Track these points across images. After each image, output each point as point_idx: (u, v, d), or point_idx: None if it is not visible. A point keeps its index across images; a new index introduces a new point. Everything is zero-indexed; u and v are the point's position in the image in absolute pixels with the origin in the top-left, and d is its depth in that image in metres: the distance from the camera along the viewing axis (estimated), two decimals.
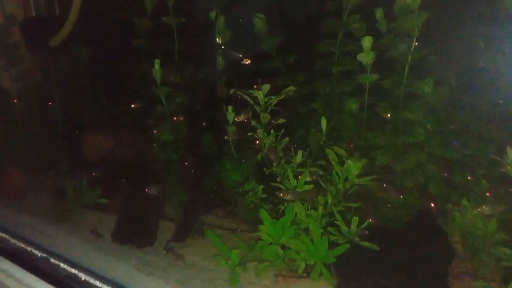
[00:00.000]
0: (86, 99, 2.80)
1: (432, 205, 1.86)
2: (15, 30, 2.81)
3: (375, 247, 1.69)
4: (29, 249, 2.49)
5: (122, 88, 2.60)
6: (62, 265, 2.30)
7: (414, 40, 1.69)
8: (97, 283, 2.10)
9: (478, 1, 1.67)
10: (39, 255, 2.42)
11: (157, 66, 2.15)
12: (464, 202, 1.71)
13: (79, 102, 2.80)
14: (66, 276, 2.22)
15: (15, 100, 2.88)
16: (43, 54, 2.80)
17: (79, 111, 2.80)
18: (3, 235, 2.73)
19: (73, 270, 2.23)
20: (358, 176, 1.70)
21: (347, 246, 1.73)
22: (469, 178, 1.80)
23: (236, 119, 2.00)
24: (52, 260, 2.36)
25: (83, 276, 2.17)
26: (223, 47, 2.43)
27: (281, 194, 1.83)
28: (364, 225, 1.73)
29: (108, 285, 2.06)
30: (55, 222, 2.56)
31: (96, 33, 2.64)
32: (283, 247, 1.83)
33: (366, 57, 1.75)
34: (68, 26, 2.55)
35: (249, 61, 2.17)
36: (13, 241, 2.61)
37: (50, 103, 2.86)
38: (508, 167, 1.40)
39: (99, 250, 2.25)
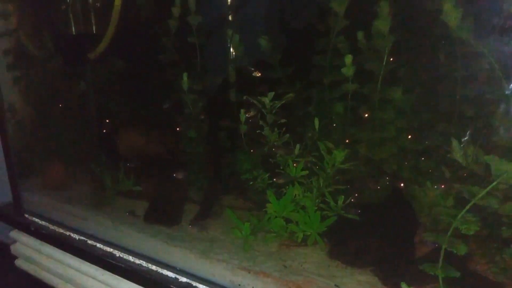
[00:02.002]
0: (122, 103, 3.00)
1: (403, 186, 2.08)
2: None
3: (356, 217, 1.98)
4: (68, 233, 2.68)
5: (152, 94, 2.82)
6: (98, 245, 2.49)
7: (385, 56, 1.95)
8: (130, 258, 2.31)
9: (436, 25, 1.90)
10: (77, 238, 2.61)
11: (185, 77, 2.40)
12: (428, 183, 1.95)
13: (116, 106, 3.00)
14: (102, 254, 2.41)
15: (60, 105, 3.07)
16: (84, 66, 2.99)
17: (116, 113, 3.00)
18: (44, 223, 2.88)
19: (108, 249, 2.42)
20: (342, 163, 1.97)
21: (335, 218, 2.02)
22: (431, 164, 2.03)
23: (247, 115, 2.21)
24: (89, 241, 2.55)
25: (117, 253, 2.38)
26: (236, 60, 2.62)
27: (274, 179, 2.09)
28: (347, 201, 2.01)
29: (140, 258, 2.27)
30: (93, 208, 2.70)
31: (130, 48, 2.85)
32: (286, 221, 2.08)
33: (348, 70, 2.01)
34: (105, 41, 2.73)
35: (259, 74, 2.36)
36: (52, 227, 2.80)
37: (91, 107, 3.05)
38: (453, 153, 1.65)
39: (132, 229, 2.39)
